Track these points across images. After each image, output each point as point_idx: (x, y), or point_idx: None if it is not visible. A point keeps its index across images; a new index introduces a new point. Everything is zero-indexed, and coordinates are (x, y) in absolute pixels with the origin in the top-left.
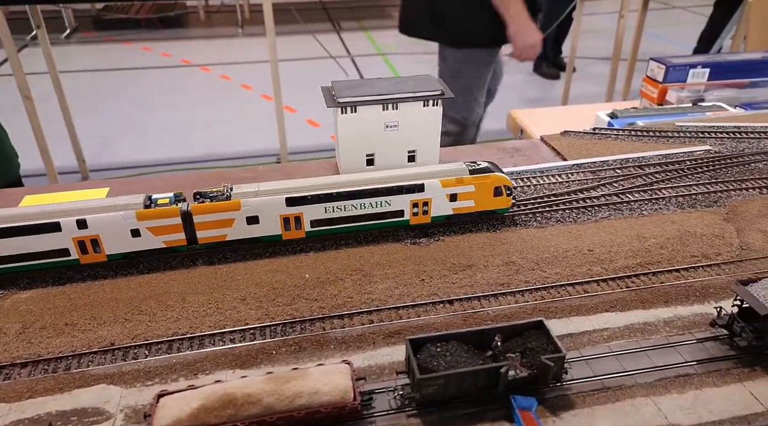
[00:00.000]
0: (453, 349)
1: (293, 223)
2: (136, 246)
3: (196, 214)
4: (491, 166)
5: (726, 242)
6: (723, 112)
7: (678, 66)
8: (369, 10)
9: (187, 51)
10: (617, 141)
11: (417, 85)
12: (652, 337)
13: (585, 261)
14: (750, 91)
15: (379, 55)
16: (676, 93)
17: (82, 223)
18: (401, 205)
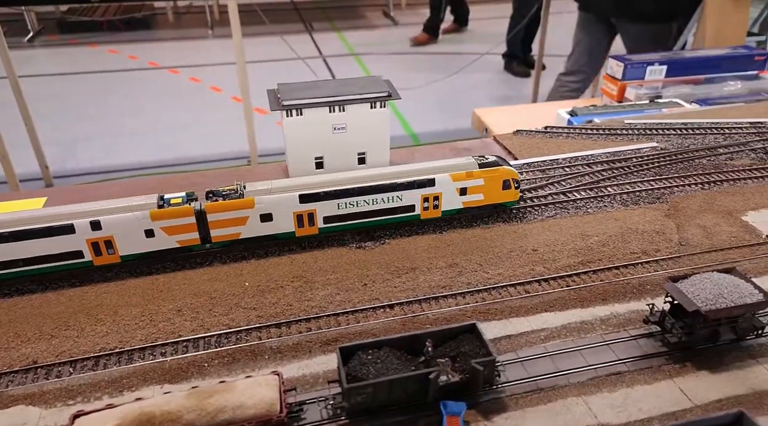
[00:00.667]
0: (384, 356)
1: (306, 220)
2: (150, 246)
3: (210, 213)
4: (499, 159)
5: (666, 238)
6: (677, 109)
7: (636, 64)
8: (341, 11)
9: (156, 53)
10: (568, 139)
11: (364, 86)
12: (588, 336)
13: (528, 261)
14: (705, 87)
15: (352, 55)
16: (635, 90)
17: (96, 225)
18: (412, 200)
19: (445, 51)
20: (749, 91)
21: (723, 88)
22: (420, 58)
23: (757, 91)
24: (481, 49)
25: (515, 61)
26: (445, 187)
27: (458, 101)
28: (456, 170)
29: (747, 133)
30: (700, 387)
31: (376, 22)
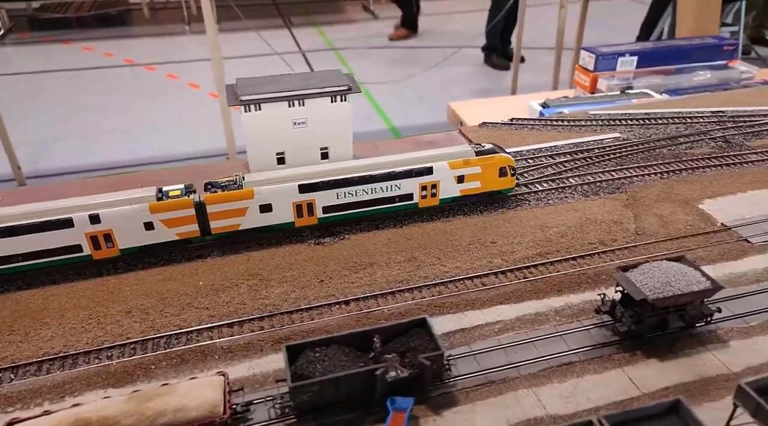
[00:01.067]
0: (333, 354)
1: (306, 210)
2: (150, 239)
3: (209, 204)
4: (496, 147)
5: (623, 228)
6: (647, 99)
7: (607, 55)
8: (320, 5)
9: (132, 50)
10: (533, 131)
11: (324, 80)
12: (542, 327)
13: (487, 253)
14: (675, 78)
15: (331, 50)
16: (607, 81)
17: (94, 218)
18: (410, 189)
19: (425, 45)
20: (719, 81)
21: (693, 78)
22: (400, 52)
23: (726, 81)
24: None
25: (495, 54)
26: (443, 175)
27: (439, 94)
28: (453, 158)
29: (708, 122)
30: (648, 375)
31: (355, 16)
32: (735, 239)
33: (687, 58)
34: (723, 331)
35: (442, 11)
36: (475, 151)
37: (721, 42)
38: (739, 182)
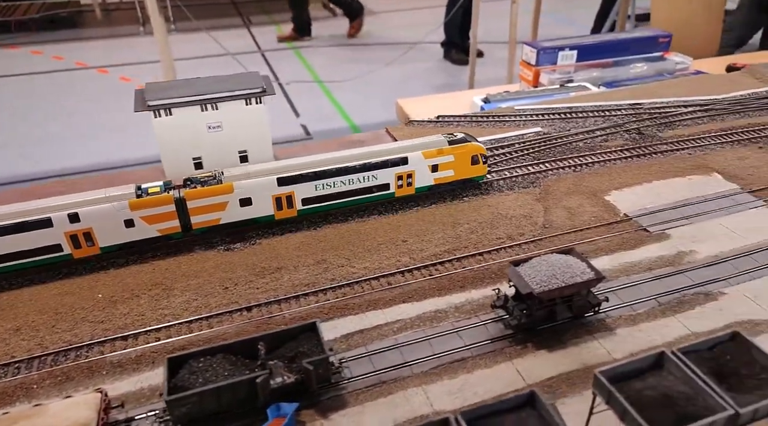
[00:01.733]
0: (218, 363)
1: (285, 202)
2: (131, 236)
3: (189, 200)
4: (467, 136)
5: (532, 222)
6: (584, 92)
7: (548, 49)
8: (280, 3)
9: (83, 53)
10: (458, 128)
11: (238, 83)
12: (441, 325)
13: (396, 252)
14: (613, 70)
15: (291, 48)
16: (548, 75)
17: (74, 217)
18: (387, 179)
19: (385, 41)
20: (656, 72)
21: (630, 71)
22: (360, 49)
23: (662, 72)
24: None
25: (454, 49)
26: (418, 165)
27: (399, 90)
28: (427, 148)
29: (625, 114)
30: (536, 366)
31: (315, 14)
32: (635, 229)
33: (625, 50)
34: (611, 319)
35: (401, 7)
36: (447, 141)
37: (656, 34)
38: (645, 172)
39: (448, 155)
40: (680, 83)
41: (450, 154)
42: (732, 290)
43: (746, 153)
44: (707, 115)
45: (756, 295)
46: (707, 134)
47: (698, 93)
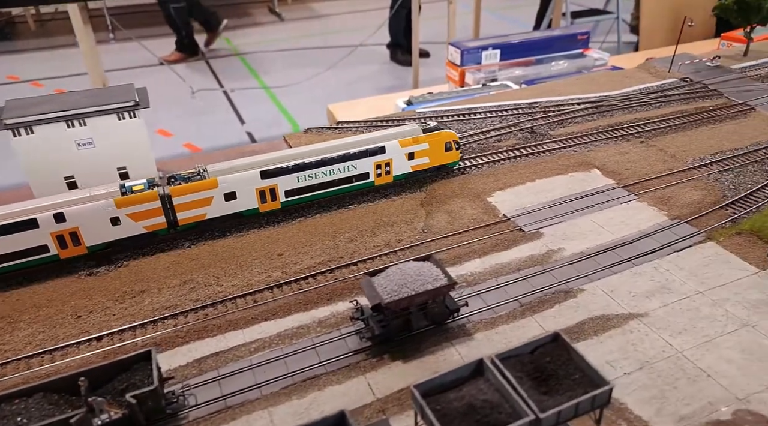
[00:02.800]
0: (35, 405)
1: (269, 195)
2: (117, 234)
3: (175, 196)
4: (440, 124)
5: (412, 227)
6: (503, 90)
7: (471, 49)
8: (223, 10)
9: (16, 65)
10: (357, 133)
11: (109, 97)
12: (301, 341)
13: (269, 267)
14: (536, 68)
15: (236, 55)
16: (473, 75)
17: (59, 217)
18: (366, 168)
19: (333, 44)
20: (576, 68)
21: (551, 68)
22: (308, 53)
23: (581, 68)
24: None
25: (400, 51)
26: (395, 154)
27: (346, 93)
28: (403, 137)
29: (521, 113)
30: (387, 379)
31: (261, 19)
32: (511, 229)
33: (546, 48)
34: (472, 324)
35: (345, 10)
36: (422, 129)
37: (575, 32)
38: (530, 172)
39: (423, 143)
40: (578, 81)
41: (425, 142)
42: (591, 286)
43: (628, 148)
44: (598, 112)
45: (613, 289)
46: (595, 131)
47: (594, 90)
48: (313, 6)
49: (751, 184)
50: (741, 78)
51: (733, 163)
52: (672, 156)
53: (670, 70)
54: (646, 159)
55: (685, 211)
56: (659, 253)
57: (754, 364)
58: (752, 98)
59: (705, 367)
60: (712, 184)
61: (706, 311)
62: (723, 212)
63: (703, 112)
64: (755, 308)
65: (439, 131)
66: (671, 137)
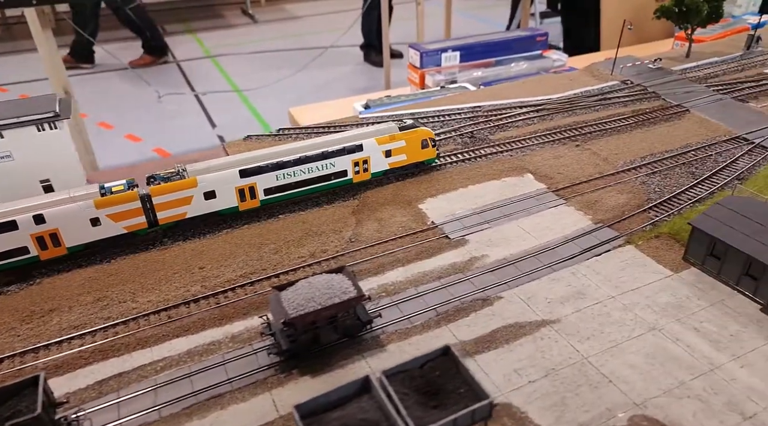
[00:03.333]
0: None
1: (248, 193)
2: (97, 235)
3: (155, 196)
4: (416, 122)
5: (340, 237)
6: (459, 93)
7: (431, 51)
8: (196, 11)
9: None
10: (298, 140)
11: (28, 108)
12: (211, 358)
13: (189, 281)
14: (495, 70)
15: (209, 57)
16: (432, 77)
17: (39, 219)
18: (344, 165)
19: (306, 46)
20: (536, 69)
21: (511, 69)
22: (282, 55)
23: (540, 69)
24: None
25: (373, 52)
26: (372, 151)
27: (319, 94)
28: (380, 134)
29: (464, 118)
30: (293, 395)
31: (234, 20)
32: (438, 237)
33: (506, 50)
34: (386, 335)
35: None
36: (398, 127)
37: (534, 34)
38: (464, 178)
39: (400, 141)
40: (525, 84)
41: (401, 140)
42: (509, 293)
43: (563, 152)
44: (538, 116)
45: (530, 296)
46: (533, 135)
47: (538, 93)
48: (286, 7)
49: (676, 186)
50: (679, 80)
51: (661, 166)
52: (604, 159)
53: (612, 72)
54: (579, 163)
55: (608, 215)
56: (579, 259)
57: (655, 368)
58: (687, 100)
59: (608, 373)
60: (638, 188)
61: (616, 316)
62: (645, 215)
63: (639, 115)
64: (663, 312)
65: (415, 129)
66: (606, 140)
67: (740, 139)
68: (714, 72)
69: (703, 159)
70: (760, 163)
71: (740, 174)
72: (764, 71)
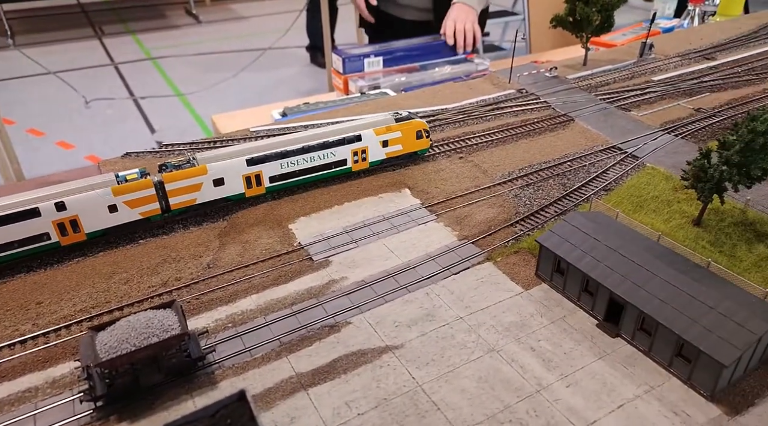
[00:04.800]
0: None
1: (254, 181)
2: (114, 221)
3: (168, 183)
4: (411, 114)
5: (198, 263)
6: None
7: (353, 57)
8: (137, 11)
9: None
10: (181, 156)
11: None
12: (23, 406)
13: (21, 319)
14: (419, 75)
15: (149, 59)
16: (356, 83)
17: (60, 206)
18: (344, 155)
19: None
20: (460, 74)
21: (435, 74)
22: (226, 57)
23: (464, 74)
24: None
25: (319, 53)
26: (370, 141)
27: (263, 98)
28: (377, 126)
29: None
30: None
31: (177, 21)
32: (301, 259)
33: (430, 55)
34: (222, 370)
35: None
36: (394, 119)
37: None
38: (341, 194)
39: (396, 131)
40: (423, 94)
41: (397, 131)
42: (359, 319)
43: (445, 165)
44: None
45: (379, 321)
46: None
47: (436, 103)
48: (232, 7)
49: (545, 199)
50: (571, 88)
51: (536, 178)
52: (484, 172)
53: (510, 80)
54: (458, 176)
55: (474, 231)
56: (436, 277)
57: (485, 392)
58: (574, 109)
59: (437, 400)
60: (510, 201)
61: (460, 338)
62: (511, 230)
63: (527, 125)
64: (506, 332)
65: (410, 120)
66: (490, 152)
67: (615, 148)
68: (605, 80)
69: (576, 170)
70: (629, 172)
71: (608, 185)
72: (652, 79)
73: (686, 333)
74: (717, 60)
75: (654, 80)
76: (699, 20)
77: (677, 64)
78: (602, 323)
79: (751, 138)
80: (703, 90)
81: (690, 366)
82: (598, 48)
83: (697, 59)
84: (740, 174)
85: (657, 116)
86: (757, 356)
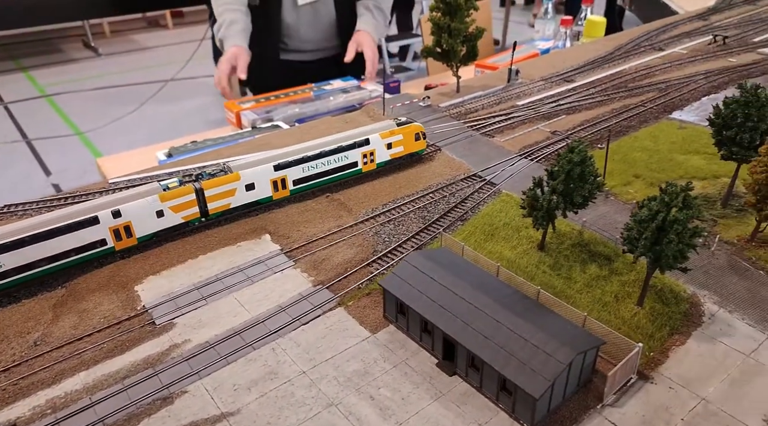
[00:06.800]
0: None
1: (280, 184)
2: (161, 225)
3: (207, 189)
4: (409, 119)
5: (23, 341)
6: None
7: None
8: (29, 46)
9: None
10: (24, 217)
11: None
12: None
13: None
14: (313, 105)
15: (43, 97)
16: (248, 116)
17: (116, 213)
18: (355, 158)
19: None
20: (357, 101)
21: (329, 103)
22: (129, 91)
23: (358, 102)
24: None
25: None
26: (377, 144)
27: (170, 131)
28: (382, 130)
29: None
30: None
31: (74, 55)
32: (143, 324)
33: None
34: None
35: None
36: (396, 124)
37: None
38: (196, 247)
39: (398, 135)
40: (299, 130)
41: (399, 134)
42: (195, 386)
43: (311, 205)
44: None
45: (217, 386)
46: None
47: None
48: (134, 38)
49: (404, 234)
50: (442, 117)
51: (398, 213)
52: (348, 210)
53: (384, 112)
54: (322, 216)
55: (330, 275)
56: (285, 330)
57: None
58: (442, 139)
59: None
60: (369, 239)
61: (299, 395)
62: (367, 270)
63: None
64: (348, 382)
65: (409, 124)
66: (357, 189)
67: (476, 176)
68: (474, 107)
69: (437, 201)
70: (485, 200)
71: (464, 214)
72: (517, 104)
73: (505, 368)
74: (575, 82)
75: (519, 105)
76: (570, 42)
77: (540, 87)
78: (441, 362)
79: (570, 168)
80: (560, 112)
81: (512, 399)
82: (484, 71)
83: (558, 82)
84: (565, 201)
85: (517, 141)
86: (573, 381)
